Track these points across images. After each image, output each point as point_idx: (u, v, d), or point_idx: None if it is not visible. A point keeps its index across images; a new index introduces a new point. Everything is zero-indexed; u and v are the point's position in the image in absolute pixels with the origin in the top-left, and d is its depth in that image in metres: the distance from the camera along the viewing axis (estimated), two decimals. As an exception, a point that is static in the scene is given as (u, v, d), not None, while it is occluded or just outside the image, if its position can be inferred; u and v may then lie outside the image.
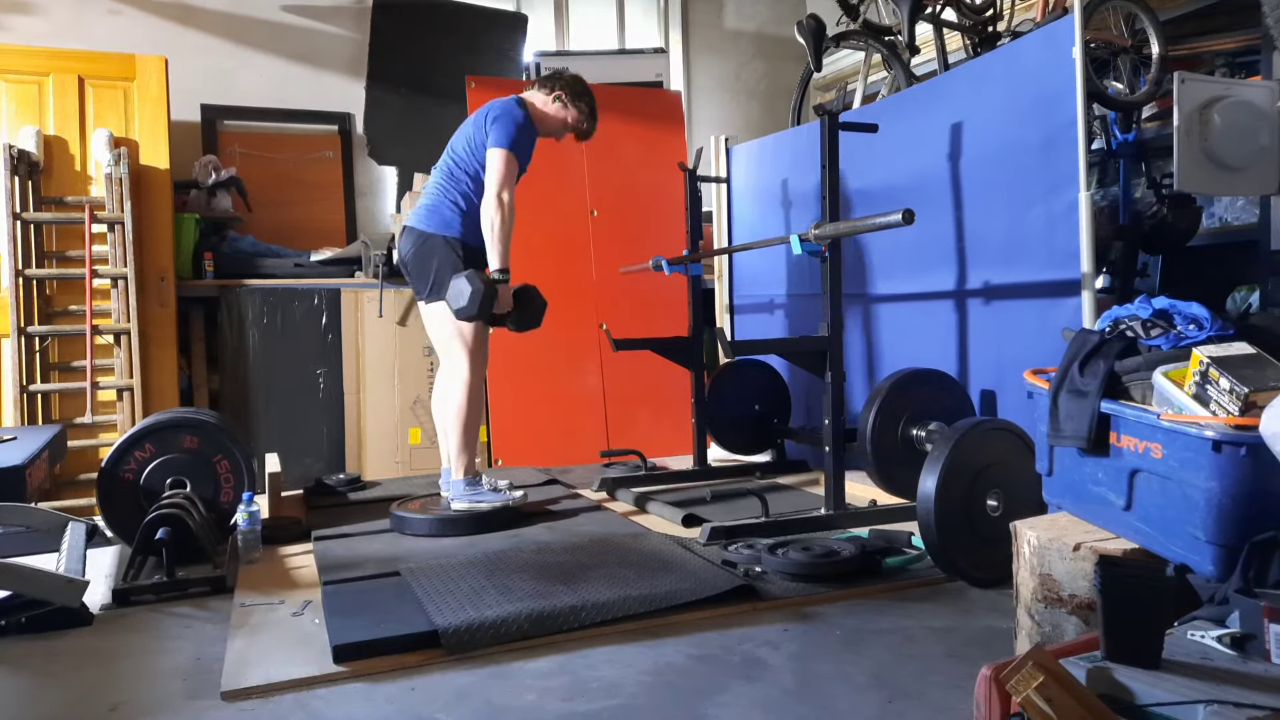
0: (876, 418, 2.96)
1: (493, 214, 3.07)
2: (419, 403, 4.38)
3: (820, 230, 2.82)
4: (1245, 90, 3.11)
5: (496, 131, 3.11)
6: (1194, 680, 1.24)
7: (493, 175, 3.09)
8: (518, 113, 3.17)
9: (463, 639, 2.05)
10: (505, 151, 3.09)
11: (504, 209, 3.07)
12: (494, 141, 3.11)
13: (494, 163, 3.09)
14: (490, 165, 3.10)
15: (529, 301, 3.23)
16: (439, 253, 3.15)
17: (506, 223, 3.09)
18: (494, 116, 3.15)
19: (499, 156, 3.09)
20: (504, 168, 3.08)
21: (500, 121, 3.12)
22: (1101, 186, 3.99)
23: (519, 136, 3.12)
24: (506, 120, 3.13)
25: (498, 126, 3.12)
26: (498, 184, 3.07)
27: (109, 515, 2.92)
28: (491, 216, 3.07)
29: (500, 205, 3.07)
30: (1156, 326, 2.00)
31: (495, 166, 3.09)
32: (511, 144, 3.10)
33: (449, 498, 3.22)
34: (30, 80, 3.93)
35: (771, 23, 6.02)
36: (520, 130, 3.13)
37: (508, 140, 3.10)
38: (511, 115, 3.15)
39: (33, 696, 1.93)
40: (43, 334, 3.75)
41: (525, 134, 3.16)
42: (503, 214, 3.07)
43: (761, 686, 1.85)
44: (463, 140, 3.24)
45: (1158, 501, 1.80)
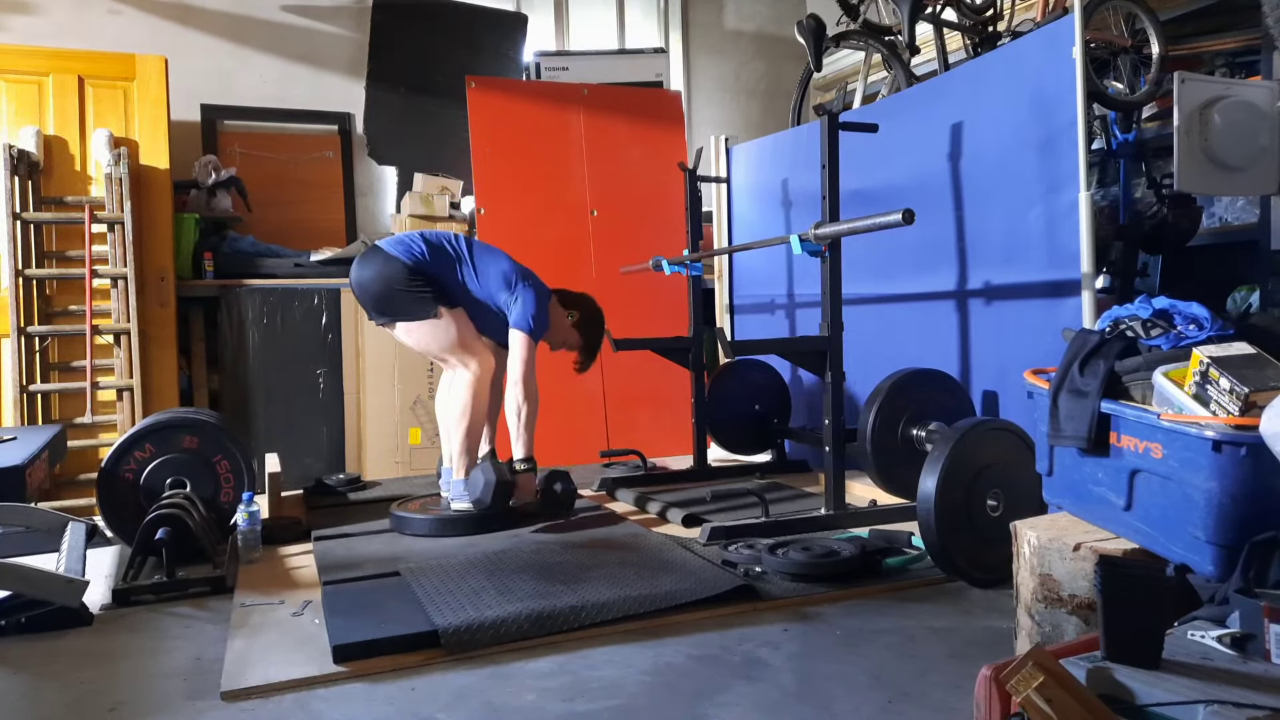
0: (877, 418, 2.96)
1: (519, 401, 3.02)
2: (419, 403, 4.38)
3: (820, 230, 2.82)
4: (1245, 90, 3.11)
5: (520, 310, 3.05)
6: (1194, 680, 1.24)
7: (516, 360, 3.04)
8: (545, 297, 3.14)
9: (463, 639, 2.05)
10: (528, 337, 3.05)
11: (531, 398, 3.04)
12: (516, 322, 3.06)
13: (516, 346, 3.05)
14: (513, 347, 3.06)
15: (555, 493, 3.13)
16: (397, 281, 3.01)
17: (532, 410, 3.05)
18: (527, 285, 3.09)
19: (522, 341, 3.04)
20: (526, 352, 3.04)
21: (527, 301, 3.06)
22: (1102, 186, 3.99)
23: (539, 326, 3.09)
24: (532, 303, 3.06)
25: (523, 305, 3.06)
26: (522, 369, 3.02)
27: (109, 515, 2.92)
28: (518, 403, 3.03)
29: (526, 392, 3.03)
30: (1157, 326, 2.00)
31: (518, 350, 3.04)
32: (532, 330, 3.06)
33: (449, 498, 3.22)
34: (30, 80, 3.93)
35: (771, 22, 6.02)
36: (541, 316, 3.10)
37: (529, 324, 3.05)
38: (540, 299, 3.10)
39: (32, 696, 1.93)
40: (43, 334, 3.75)
41: (542, 324, 3.13)
42: (530, 401, 3.03)
43: (761, 686, 1.85)
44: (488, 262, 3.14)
45: (1158, 501, 1.80)
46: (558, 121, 4.65)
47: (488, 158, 4.48)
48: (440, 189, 4.64)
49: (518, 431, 3.07)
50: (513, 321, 3.09)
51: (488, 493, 2.96)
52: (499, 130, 4.52)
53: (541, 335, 3.15)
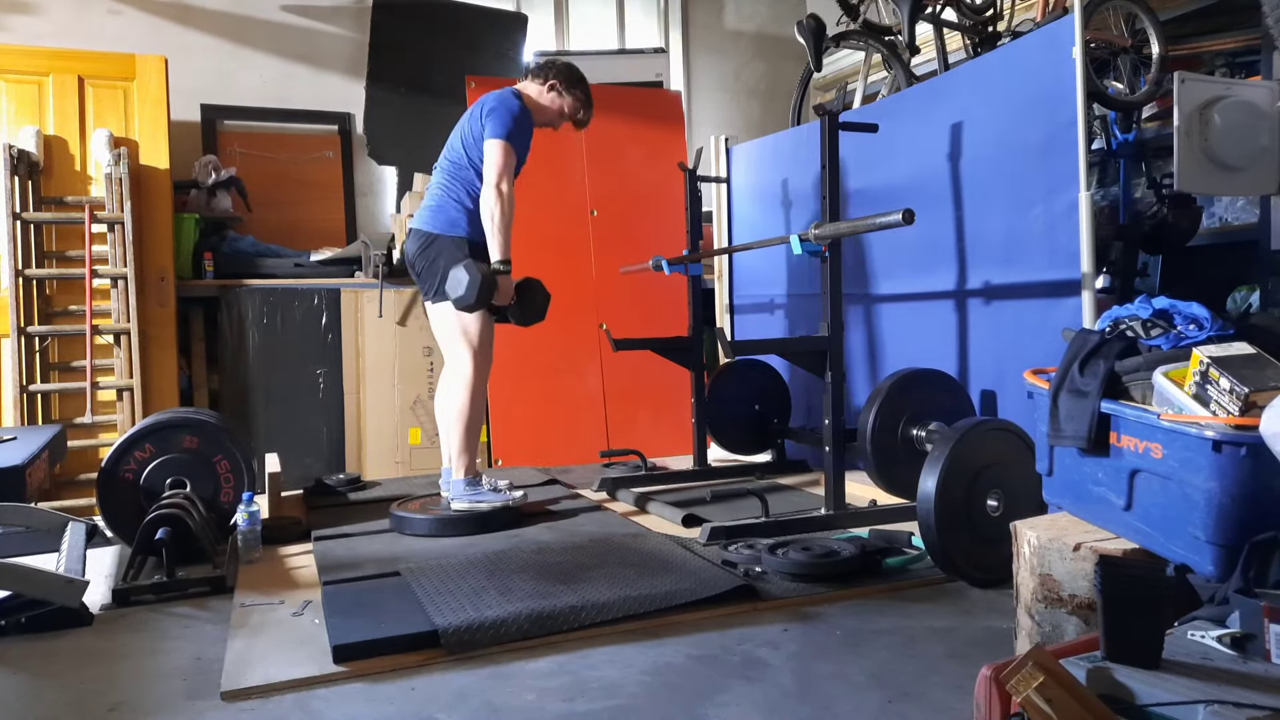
0: (877, 418, 2.96)
1: (492, 205, 3.06)
2: (419, 403, 4.38)
3: (820, 230, 2.82)
4: (1245, 90, 3.11)
5: (493, 123, 3.10)
6: (1194, 680, 1.24)
7: (491, 166, 3.08)
8: (513, 103, 3.16)
9: (463, 639, 2.05)
10: (503, 142, 3.08)
11: (503, 199, 3.06)
12: (491, 133, 3.10)
13: (492, 154, 3.08)
14: (488, 156, 3.09)
15: (531, 293, 3.21)
16: (446, 253, 3.14)
17: (506, 213, 3.08)
18: (490, 109, 3.14)
19: (496, 147, 3.08)
20: (502, 158, 3.07)
21: (496, 113, 3.11)
22: (1102, 186, 3.99)
23: (515, 127, 3.11)
24: (502, 111, 3.11)
25: (494, 118, 3.11)
26: (496, 174, 3.06)
27: (109, 515, 2.92)
28: (491, 207, 3.06)
29: (500, 196, 3.06)
30: (1157, 326, 2.00)
31: (493, 157, 3.08)
32: (508, 135, 3.09)
33: (449, 498, 3.22)
34: (30, 80, 3.93)
35: (771, 22, 6.02)
36: (516, 121, 3.12)
37: (504, 131, 3.09)
38: (507, 106, 3.14)
39: (32, 696, 1.93)
40: (43, 334, 3.75)
41: (522, 124, 3.15)
42: (502, 204, 3.06)
43: (761, 687, 1.85)
44: (460, 136, 3.23)
45: (1158, 501, 1.80)
46: (558, 121, 4.65)
47: (488, 157, 4.47)
48: (440, 189, 4.63)
49: (493, 233, 3.08)
50: (488, 133, 3.10)
51: (472, 290, 2.96)
52: (499, 130, 4.51)
53: (522, 141, 3.16)
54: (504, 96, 3.18)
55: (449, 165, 3.23)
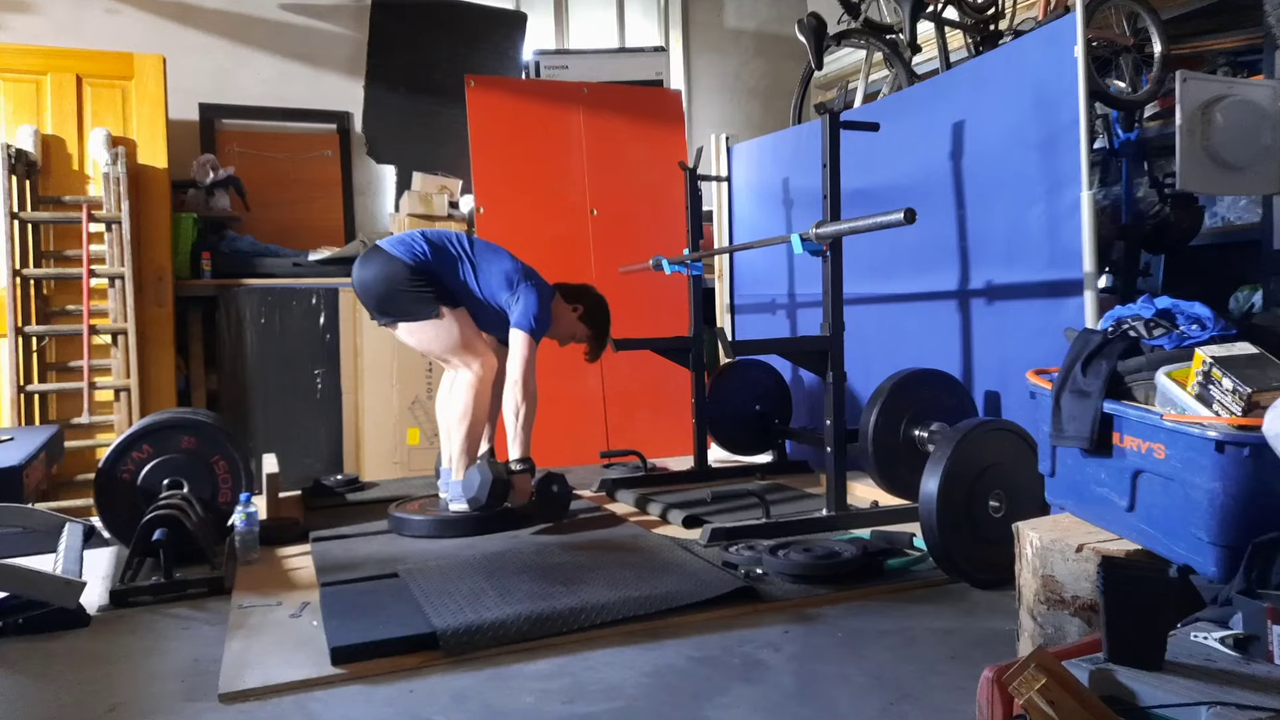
0: (878, 418, 2.95)
1: (517, 400, 3.01)
2: (417, 403, 4.37)
3: (821, 230, 2.81)
4: (1247, 89, 3.10)
5: (522, 310, 3.04)
6: (1197, 682, 1.23)
7: (516, 360, 3.03)
8: (548, 299, 3.13)
9: (462, 641, 2.04)
10: (529, 336, 3.04)
11: (529, 398, 3.03)
12: (517, 321, 3.04)
13: (516, 346, 3.04)
14: (513, 348, 3.05)
15: (551, 494, 3.12)
16: (399, 281, 3.00)
17: (531, 411, 3.05)
18: (524, 289, 3.07)
19: (522, 341, 3.03)
20: (526, 352, 3.03)
21: (528, 301, 3.05)
22: (1104, 186, 3.98)
23: (540, 326, 3.08)
24: (534, 302, 3.05)
25: (524, 304, 3.04)
26: (521, 369, 3.01)
27: (106, 516, 2.91)
28: (516, 403, 3.02)
29: (524, 392, 3.01)
30: (1159, 326, 1.99)
31: (518, 350, 3.03)
32: (534, 329, 3.05)
33: (447, 499, 3.21)
34: (28, 79, 3.93)
35: (772, 21, 6.02)
36: (543, 315, 3.09)
37: (530, 324, 3.04)
38: (542, 297, 3.09)
39: (30, 698, 1.92)
40: (40, 334, 3.74)
41: (546, 323, 3.13)
42: (528, 401, 3.03)
43: (762, 688, 1.85)
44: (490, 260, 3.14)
45: (1160, 502, 1.79)
46: (557, 121, 4.64)
47: (487, 157, 4.47)
48: (439, 188, 4.63)
49: (515, 431, 3.06)
50: (514, 321, 3.08)
51: (484, 491, 2.95)
52: (498, 129, 4.51)
53: (543, 334, 3.14)
54: (544, 285, 3.14)
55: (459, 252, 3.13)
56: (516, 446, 3.07)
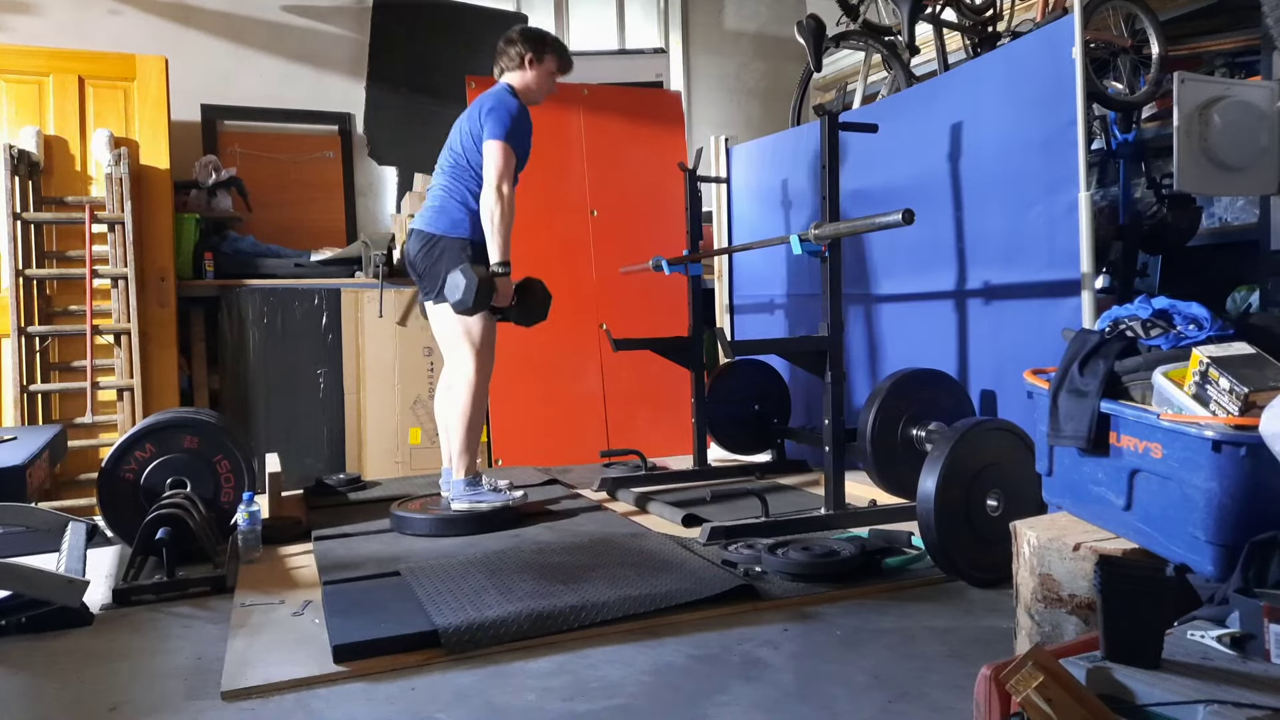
0: (876, 418, 2.96)
1: (492, 206, 3.06)
2: (419, 403, 4.38)
3: (820, 230, 2.82)
4: (1245, 90, 3.11)
5: (492, 123, 3.09)
6: (1194, 680, 1.24)
7: (491, 167, 3.07)
8: (511, 102, 3.15)
9: (463, 639, 2.05)
10: (502, 143, 3.07)
11: (503, 201, 3.06)
12: (490, 133, 3.09)
13: (491, 155, 3.08)
14: (487, 158, 3.08)
15: (532, 294, 3.21)
16: (448, 254, 3.13)
17: (506, 215, 3.08)
18: (489, 108, 3.12)
19: (496, 148, 3.07)
20: (501, 159, 3.06)
21: (495, 113, 3.10)
22: (1101, 186, 3.99)
23: (514, 126, 3.10)
24: (501, 111, 3.10)
25: (493, 118, 3.10)
26: (496, 176, 3.06)
27: (109, 515, 2.92)
28: (491, 208, 3.06)
29: (500, 197, 3.05)
30: (1156, 326, 2.00)
31: (493, 159, 3.07)
32: (507, 135, 3.08)
33: (449, 498, 3.22)
34: (30, 80, 3.93)
35: (771, 23, 6.02)
36: (515, 120, 3.11)
37: (503, 131, 3.08)
38: (505, 105, 3.12)
39: (33, 696, 1.93)
40: (43, 334, 3.75)
41: (520, 123, 3.14)
42: (502, 206, 3.06)
43: (761, 686, 1.86)
44: (460, 135, 3.22)
45: (1157, 501, 1.80)
46: (558, 122, 4.65)
47: (488, 158, 4.47)
48: (440, 189, 4.63)
49: (492, 234, 3.08)
50: (487, 134, 3.09)
51: (469, 293, 2.96)
52: (499, 130, 4.52)
53: (522, 140, 3.14)
54: (501, 95, 3.17)
55: (450, 166, 3.22)
56: (495, 250, 3.08)
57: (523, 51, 3.25)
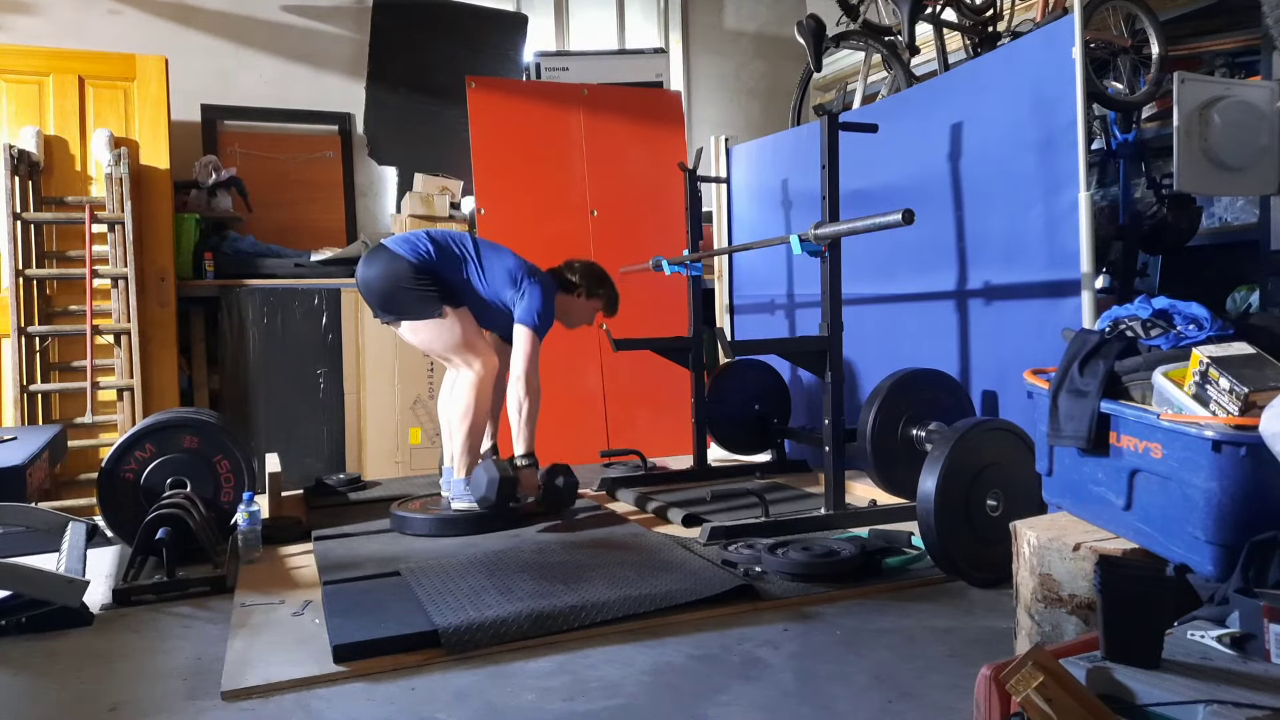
0: (877, 418, 2.96)
1: (521, 396, 3.04)
2: (419, 403, 4.38)
3: (820, 230, 2.82)
4: (1245, 90, 3.11)
5: (526, 307, 3.07)
6: (1194, 680, 1.24)
7: (519, 355, 3.06)
8: (551, 297, 3.16)
9: (463, 639, 2.05)
10: (532, 332, 3.06)
11: (533, 393, 3.06)
12: (521, 318, 3.07)
13: (520, 342, 3.07)
14: (517, 343, 3.08)
15: (557, 487, 3.18)
16: (403, 279, 3.02)
17: (535, 406, 3.07)
18: (530, 283, 3.10)
19: (525, 336, 3.06)
20: (529, 348, 3.06)
21: (530, 297, 3.08)
22: (1101, 187, 3.99)
23: (543, 322, 3.11)
24: (536, 297, 3.09)
25: (527, 302, 3.08)
26: (525, 365, 3.04)
27: (109, 515, 2.92)
28: (520, 399, 3.05)
29: (529, 389, 3.04)
30: (1156, 326, 2.00)
31: (521, 346, 3.06)
32: (537, 325, 3.08)
33: (449, 498, 3.22)
34: (30, 80, 3.93)
35: (771, 23, 6.02)
36: (545, 314, 3.12)
37: (534, 320, 3.07)
38: (547, 296, 3.12)
39: (33, 696, 1.93)
40: (43, 334, 3.75)
41: (549, 318, 3.16)
42: (532, 397, 3.05)
43: (761, 686, 1.86)
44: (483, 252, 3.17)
45: (1157, 501, 1.80)
46: (558, 121, 4.65)
47: (488, 158, 4.48)
48: (440, 189, 4.64)
49: (519, 427, 3.08)
50: (518, 317, 3.10)
51: (492, 490, 2.96)
52: (499, 130, 4.52)
53: (547, 330, 3.16)
54: (549, 284, 3.18)
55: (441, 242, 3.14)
56: (521, 442, 3.09)
57: (582, 287, 3.31)
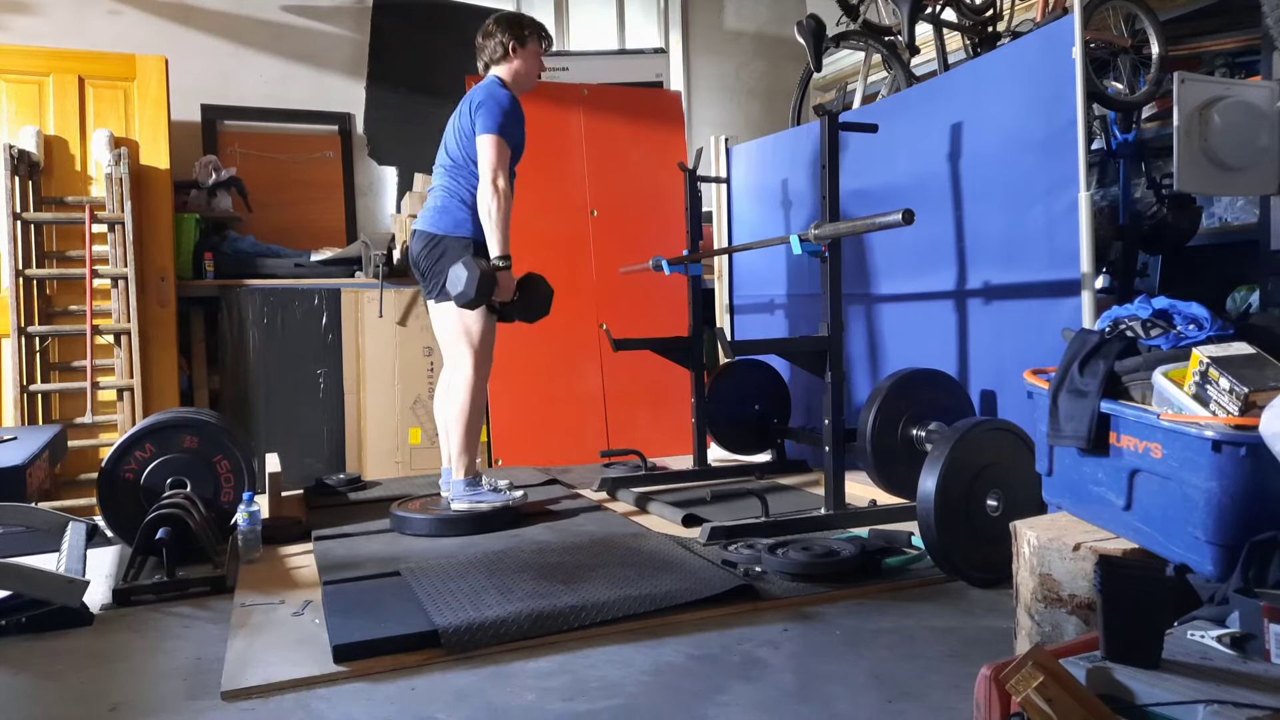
0: (876, 418, 2.96)
1: (489, 201, 3.05)
2: (419, 403, 4.38)
3: (820, 230, 2.82)
4: (1245, 90, 3.11)
5: (483, 117, 3.07)
6: (1194, 680, 1.24)
7: (485, 162, 3.06)
8: (501, 94, 3.13)
9: (463, 639, 2.05)
10: (495, 137, 3.06)
11: (500, 194, 3.05)
12: (482, 128, 3.07)
13: (484, 149, 3.06)
14: (481, 152, 3.07)
15: (534, 289, 3.20)
16: (450, 253, 3.12)
17: (504, 208, 3.06)
18: (478, 102, 3.11)
19: (489, 142, 3.05)
20: (495, 153, 3.05)
21: (485, 106, 3.08)
22: (1101, 186, 3.99)
23: (505, 119, 3.08)
24: (491, 104, 3.08)
25: (483, 112, 3.08)
26: (490, 170, 3.04)
27: (109, 515, 2.92)
28: (488, 203, 3.05)
29: (496, 191, 3.04)
30: (1156, 326, 2.00)
31: (486, 153, 3.06)
32: (499, 128, 3.06)
33: (449, 498, 3.22)
34: (30, 80, 3.93)
35: (771, 23, 6.03)
36: (506, 113, 3.09)
37: (495, 125, 3.06)
38: (495, 98, 3.10)
39: (33, 696, 1.93)
40: (43, 334, 3.75)
41: (512, 115, 3.12)
42: (499, 200, 3.05)
43: (761, 686, 1.86)
44: (454, 133, 3.21)
45: (1158, 501, 1.80)
46: (558, 122, 4.65)
47: (488, 158, 4.47)
48: (440, 189, 4.63)
49: (491, 229, 3.06)
50: (479, 129, 3.08)
51: (471, 285, 2.95)
52: (499, 130, 4.52)
53: (512, 129, 3.12)
54: (490, 88, 3.15)
55: (448, 165, 3.22)
56: (495, 245, 3.07)
57: (504, 40, 3.21)
